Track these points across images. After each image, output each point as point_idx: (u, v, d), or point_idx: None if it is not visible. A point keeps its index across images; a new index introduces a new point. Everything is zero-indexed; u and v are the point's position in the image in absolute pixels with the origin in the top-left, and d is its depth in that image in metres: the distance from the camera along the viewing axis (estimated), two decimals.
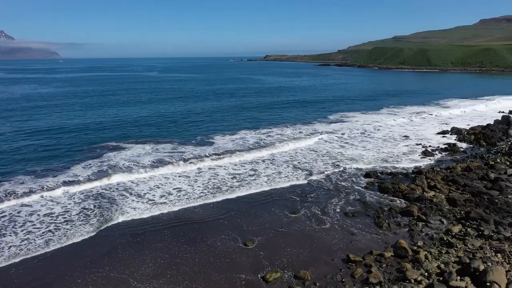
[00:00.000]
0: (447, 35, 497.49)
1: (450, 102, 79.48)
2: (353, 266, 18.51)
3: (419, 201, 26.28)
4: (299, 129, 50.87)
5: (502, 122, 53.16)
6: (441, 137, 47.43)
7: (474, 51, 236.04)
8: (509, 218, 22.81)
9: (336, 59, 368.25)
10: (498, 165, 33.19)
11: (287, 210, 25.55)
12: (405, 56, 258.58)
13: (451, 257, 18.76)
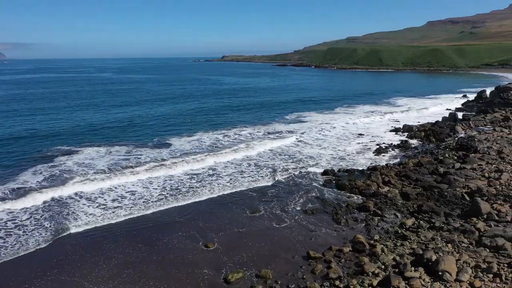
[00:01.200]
0: (397, 36, 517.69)
1: (401, 101, 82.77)
2: (314, 262, 18.83)
3: (375, 197, 27.16)
4: (258, 129, 51.16)
5: (449, 119, 55.98)
6: (393, 134, 49.29)
7: (423, 51, 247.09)
8: (457, 210, 24.05)
9: (292, 60, 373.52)
10: (446, 159, 34.90)
11: (248, 210, 25.60)
12: (358, 56, 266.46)
13: (406, 249, 19.53)
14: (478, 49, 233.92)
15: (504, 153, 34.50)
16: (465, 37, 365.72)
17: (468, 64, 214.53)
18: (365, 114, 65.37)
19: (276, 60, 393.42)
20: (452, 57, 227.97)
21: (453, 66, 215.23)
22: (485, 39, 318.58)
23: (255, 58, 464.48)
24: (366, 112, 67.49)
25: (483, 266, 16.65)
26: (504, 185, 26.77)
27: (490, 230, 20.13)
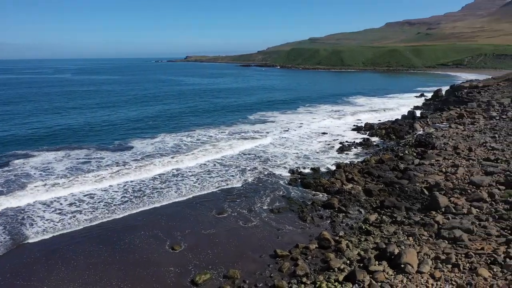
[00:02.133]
0: (357, 37, 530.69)
1: (362, 100, 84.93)
2: (281, 260, 19.00)
3: (339, 194, 27.70)
4: (223, 130, 51.03)
5: (408, 117, 57.96)
6: (355, 133, 50.49)
7: (382, 52, 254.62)
8: (417, 204, 24.96)
9: (256, 60, 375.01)
10: (406, 156, 36.11)
11: (215, 211, 25.48)
12: (321, 56, 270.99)
13: (370, 244, 20.05)
14: (434, 49, 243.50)
15: (460, 148, 36.07)
16: (421, 38, 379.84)
17: (424, 64, 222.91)
18: (328, 113, 66.61)
19: (240, 61, 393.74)
20: (410, 57, 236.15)
21: (411, 66, 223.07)
22: (440, 40, 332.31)
23: (219, 58, 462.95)
24: (329, 111, 68.79)
25: (442, 257, 17.33)
26: (460, 179, 27.99)
27: (448, 222, 20.99)
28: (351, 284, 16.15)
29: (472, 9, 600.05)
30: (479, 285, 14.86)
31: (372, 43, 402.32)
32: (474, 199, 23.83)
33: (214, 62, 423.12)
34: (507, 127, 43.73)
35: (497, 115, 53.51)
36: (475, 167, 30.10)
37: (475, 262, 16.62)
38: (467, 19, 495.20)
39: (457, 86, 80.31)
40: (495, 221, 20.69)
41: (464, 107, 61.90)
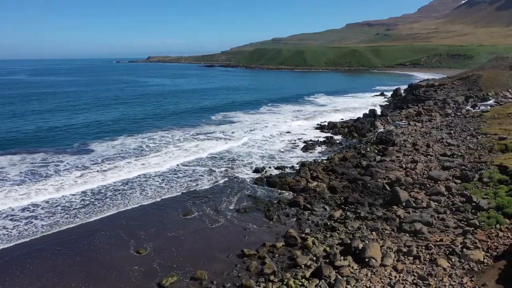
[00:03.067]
0: (319, 38, 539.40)
1: (325, 99, 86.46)
2: (248, 260, 19.01)
3: (304, 192, 28.07)
4: (187, 131, 50.52)
5: (369, 115, 59.52)
6: (319, 132, 51.32)
7: (343, 52, 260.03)
8: (380, 200, 25.67)
9: (219, 60, 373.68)
10: (368, 153, 37.07)
11: (180, 212, 25.17)
12: (284, 57, 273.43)
13: (335, 240, 20.44)
14: (392, 50, 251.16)
15: (418, 145, 37.41)
16: (380, 39, 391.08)
17: (384, 64, 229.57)
18: (292, 113, 67.36)
19: (203, 61, 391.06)
20: (370, 57, 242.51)
21: (371, 66, 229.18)
22: (398, 40, 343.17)
23: (182, 59, 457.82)
24: (292, 111, 69.56)
25: (404, 250, 17.90)
26: (419, 174, 29.05)
27: (409, 216, 21.72)
28: (318, 280, 16.39)
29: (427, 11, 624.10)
30: (439, 275, 15.46)
31: (333, 43, 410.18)
32: (433, 193, 24.78)
33: (177, 63, 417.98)
34: (461, 123, 45.77)
35: (452, 112, 55.93)
36: (433, 162, 31.32)
37: (434, 254, 17.28)
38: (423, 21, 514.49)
39: (415, 85, 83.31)
40: (452, 214, 21.60)
41: (422, 105, 64.31)
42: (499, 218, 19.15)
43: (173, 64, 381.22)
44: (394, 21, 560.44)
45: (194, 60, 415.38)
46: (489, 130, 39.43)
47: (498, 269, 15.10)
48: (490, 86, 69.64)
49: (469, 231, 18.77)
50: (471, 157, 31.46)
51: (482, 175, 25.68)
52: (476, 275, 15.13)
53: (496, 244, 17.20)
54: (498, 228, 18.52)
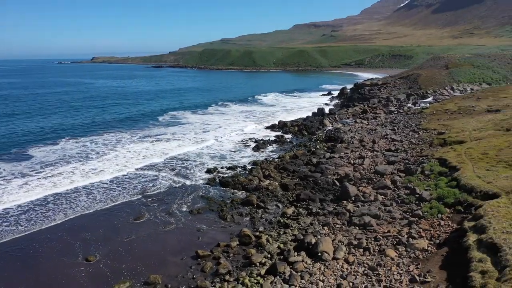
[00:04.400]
0: (267, 38, 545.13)
1: (275, 99, 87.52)
2: (203, 261, 18.83)
3: (257, 190, 28.24)
4: (134, 134, 49.17)
5: (318, 114, 60.97)
6: (269, 131, 51.86)
7: (291, 52, 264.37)
8: (330, 195, 26.37)
9: (168, 61, 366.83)
10: (318, 151, 37.98)
11: (131, 217, 24.45)
12: (233, 57, 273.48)
13: (288, 236, 20.74)
14: (338, 50, 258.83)
15: (365, 141, 38.85)
16: (326, 40, 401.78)
17: (330, 64, 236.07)
18: (242, 113, 67.62)
19: (151, 62, 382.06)
20: (317, 57, 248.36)
21: (318, 66, 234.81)
22: (343, 41, 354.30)
23: (129, 59, 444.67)
24: (243, 111, 69.86)
25: (354, 243, 18.52)
26: (367, 169, 30.17)
27: (358, 210, 22.49)
28: (273, 277, 16.56)
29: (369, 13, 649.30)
30: (387, 265, 16.13)
31: (281, 44, 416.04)
32: (380, 186, 25.83)
33: (123, 63, 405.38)
34: (404, 120, 48.08)
35: (395, 109, 58.63)
36: (379, 158, 32.66)
37: (383, 244, 18.02)
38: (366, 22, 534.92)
39: (360, 84, 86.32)
40: (398, 206, 22.63)
41: (367, 103, 66.80)
42: (440, 208, 20.31)
43: (120, 65, 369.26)
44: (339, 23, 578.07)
45: (141, 61, 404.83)
46: (429, 125, 41.71)
47: (441, 255, 16.00)
48: (429, 84, 73.72)
49: (414, 221, 19.75)
50: (413, 151, 33.14)
51: (424, 168, 27.11)
52: (421, 262, 15.94)
53: (439, 232, 18.23)
54: (440, 218, 19.64)
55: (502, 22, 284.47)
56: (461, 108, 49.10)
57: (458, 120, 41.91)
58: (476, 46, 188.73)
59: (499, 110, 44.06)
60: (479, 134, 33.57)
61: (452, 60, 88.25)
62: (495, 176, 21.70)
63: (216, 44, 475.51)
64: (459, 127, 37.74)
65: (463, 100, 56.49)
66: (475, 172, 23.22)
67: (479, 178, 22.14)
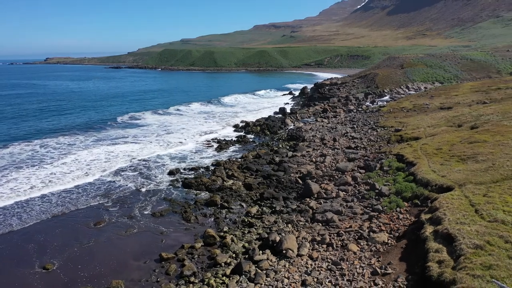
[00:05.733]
0: (228, 39, 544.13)
1: (237, 99, 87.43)
2: (167, 263, 18.54)
3: (221, 191, 28.12)
4: (91, 136, 47.70)
5: (280, 113, 61.57)
6: (232, 131, 51.80)
7: (252, 53, 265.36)
8: (293, 193, 26.67)
9: (127, 62, 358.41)
10: (280, 150, 38.33)
11: (91, 222, 23.67)
12: (194, 57, 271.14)
13: (253, 235, 20.79)
14: (298, 51, 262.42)
15: (326, 139, 39.59)
16: (286, 40, 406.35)
17: (291, 64, 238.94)
18: (204, 113, 67.12)
19: (109, 62, 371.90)
20: (278, 58, 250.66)
21: (279, 66, 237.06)
22: (302, 42, 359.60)
23: (85, 60, 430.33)
24: (205, 112, 69.32)
25: (318, 239, 18.82)
26: (328, 166, 30.75)
27: (321, 206, 22.89)
28: (238, 276, 16.55)
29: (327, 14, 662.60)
30: (350, 259, 16.50)
31: (242, 44, 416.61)
32: (341, 183, 26.40)
33: (80, 64, 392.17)
34: (363, 118, 49.38)
35: (354, 108, 60.11)
36: (340, 155, 33.37)
37: (345, 239, 18.42)
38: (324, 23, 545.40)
39: (320, 83, 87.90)
40: (359, 201, 23.20)
41: (327, 102, 68.12)
42: (399, 202, 21.02)
43: (76, 66, 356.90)
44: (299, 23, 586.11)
45: (99, 62, 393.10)
46: (386, 123, 43.08)
47: (400, 248, 16.55)
48: (386, 83, 76.16)
49: (374, 216, 20.33)
50: (372, 148, 34.10)
51: (383, 164, 27.95)
52: (382, 255, 16.43)
53: (398, 225, 18.85)
54: (399, 211, 20.31)
55: (452, 24, 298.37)
56: (416, 106, 51.05)
57: (414, 118, 43.53)
58: (428, 47, 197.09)
59: (451, 107, 46.15)
60: (433, 130, 35.02)
61: (406, 60, 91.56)
62: (448, 170, 22.70)
63: (176, 45, 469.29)
64: (415, 124, 39.22)
65: (418, 98, 58.77)
66: (430, 167, 24.18)
67: (434, 172, 23.09)
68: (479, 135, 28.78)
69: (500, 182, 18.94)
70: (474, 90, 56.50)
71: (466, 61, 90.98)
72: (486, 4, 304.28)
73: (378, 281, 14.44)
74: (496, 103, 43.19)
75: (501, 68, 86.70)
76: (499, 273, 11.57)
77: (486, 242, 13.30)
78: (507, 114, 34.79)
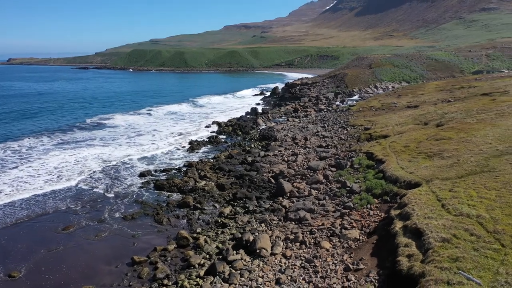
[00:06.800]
0: (198, 39, 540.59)
1: (208, 100, 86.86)
2: (139, 267, 18.22)
3: (193, 192, 27.90)
4: (56, 138, 46.30)
5: (251, 113, 61.66)
6: (204, 131, 51.50)
7: (223, 53, 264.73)
8: (266, 193, 26.78)
9: (94, 62, 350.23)
10: (253, 149, 38.41)
11: (60, 226, 22.99)
12: (164, 58, 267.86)
13: (226, 236, 20.74)
14: (269, 51, 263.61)
15: (297, 139, 39.95)
16: (257, 41, 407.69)
17: (262, 64, 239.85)
18: (175, 114, 66.42)
19: (76, 63, 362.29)
20: (248, 58, 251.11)
21: (250, 66, 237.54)
22: (273, 42, 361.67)
23: (51, 61, 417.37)
24: (176, 112, 68.58)
25: (291, 237, 18.96)
26: (300, 165, 31.04)
27: (293, 205, 23.07)
28: (213, 277, 16.47)
29: (297, 15, 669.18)
30: (323, 256, 16.71)
31: (213, 45, 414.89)
32: (313, 182, 26.70)
33: (45, 65, 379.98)
34: (333, 117, 50.13)
35: (325, 107, 60.95)
36: (311, 154, 33.74)
37: (318, 237, 18.65)
38: (294, 24, 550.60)
39: (291, 83, 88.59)
40: (331, 199, 23.54)
41: (298, 102, 68.76)
42: (369, 199, 21.46)
43: (41, 67, 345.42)
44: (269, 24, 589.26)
45: (65, 62, 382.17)
46: (356, 122, 43.89)
47: (371, 243, 16.90)
48: (355, 83, 77.62)
49: (346, 213, 20.67)
50: (343, 147, 34.67)
51: (353, 162, 28.47)
52: (354, 251, 16.73)
53: (369, 222, 19.24)
54: (369, 208, 20.74)
55: (417, 25, 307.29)
56: (384, 105, 52.27)
57: (382, 116, 44.55)
58: (395, 47, 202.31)
59: (417, 106, 47.51)
60: (401, 128, 35.95)
61: (374, 60, 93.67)
62: (416, 167, 23.35)
63: (146, 45, 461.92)
64: (383, 123, 40.14)
65: (386, 97, 60.20)
66: (398, 164, 24.81)
67: (402, 169, 23.69)
68: (444, 133, 29.76)
69: (465, 177, 19.64)
70: (439, 89, 58.37)
71: (431, 61, 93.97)
72: (449, 6, 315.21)
73: (351, 277, 14.69)
74: (459, 101, 44.77)
75: (464, 68, 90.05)
76: (465, 264, 11.99)
77: (452, 236, 13.77)
78: (470, 112, 36.11)
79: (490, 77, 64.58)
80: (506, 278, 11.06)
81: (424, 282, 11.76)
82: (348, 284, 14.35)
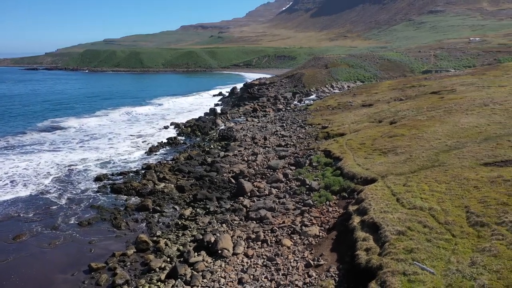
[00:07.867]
0: (154, 39, 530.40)
1: (166, 100, 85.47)
2: (97, 274, 17.63)
3: (152, 194, 27.36)
4: (7, 144, 43.97)
5: (210, 114, 61.30)
6: (162, 133, 50.64)
7: (180, 53, 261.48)
8: (227, 193, 26.71)
9: (44, 63, 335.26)
10: (212, 150, 38.18)
11: (10, 236, 21.79)
12: (118, 58, 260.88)
13: (187, 238, 20.50)
14: (227, 51, 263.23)
15: (257, 138, 40.13)
16: (214, 41, 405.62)
17: (220, 65, 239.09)
18: (132, 116, 64.89)
19: (24, 64, 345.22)
20: (206, 58, 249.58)
21: (208, 67, 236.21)
22: (231, 42, 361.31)
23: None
24: (133, 114, 66.96)
25: (252, 236, 19.02)
26: (260, 165, 31.20)
27: (254, 204, 23.16)
28: (174, 280, 16.23)
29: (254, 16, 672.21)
30: (284, 254, 16.88)
31: (169, 45, 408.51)
32: (273, 180, 26.92)
33: None
34: (291, 117, 50.78)
35: (283, 107, 61.64)
36: (271, 153, 34.01)
37: (279, 235, 18.83)
38: (251, 25, 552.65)
39: (250, 83, 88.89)
40: (291, 197, 23.83)
41: (257, 102, 69.12)
42: (328, 196, 21.93)
43: None
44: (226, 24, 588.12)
45: (12, 63, 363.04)
46: (314, 121, 44.71)
47: (331, 239, 17.27)
48: (312, 83, 79.06)
49: (306, 210, 21.00)
50: (301, 145, 35.21)
51: (312, 160, 28.96)
52: (314, 248, 17.02)
53: (328, 218, 19.65)
54: (328, 204, 21.19)
55: (370, 27, 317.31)
56: (340, 104, 53.58)
57: (339, 115, 45.65)
58: (350, 48, 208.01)
59: (372, 104, 49.06)
60: (357, 126, 36.99)
61: (330, 60, 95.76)
62: (372, 163, 24.11)
63: (99, 45, 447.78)
64: (340, 121, 41.14)
65: (342, 96, 61.74)
66: (355, 161, 25.51)
67: (359, 166, 24.39)
68: (397, 130, 30.93)
69: (417, 172, 20.50)
70: (391, 88, 60.59)
71: (383, 61, 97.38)
72: (399, 9, 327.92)
73: (312, 273, 14.94)
74: (411, 99, 46.67)
75: (414, 68, 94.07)
76: (420, 255, 12.52)
77: (407, 228, 14.33)
78: (420, 110, 37.74)
79: (438, 76, 67.78)
80: (457, 266, 11.64)
81: (382, 274, 12.16)
82: (310, 280, 14.59)
